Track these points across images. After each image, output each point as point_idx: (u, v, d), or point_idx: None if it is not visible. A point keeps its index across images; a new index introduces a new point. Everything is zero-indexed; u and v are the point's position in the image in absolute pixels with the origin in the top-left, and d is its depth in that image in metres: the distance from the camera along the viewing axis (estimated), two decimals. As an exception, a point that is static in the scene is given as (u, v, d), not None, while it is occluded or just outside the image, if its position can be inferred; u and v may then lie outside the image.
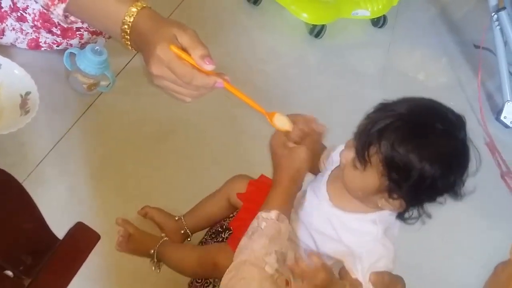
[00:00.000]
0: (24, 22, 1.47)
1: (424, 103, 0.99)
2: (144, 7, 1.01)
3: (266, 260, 0.93)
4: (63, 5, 1.12)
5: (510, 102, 2.45)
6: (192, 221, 1.36)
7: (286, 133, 1.03)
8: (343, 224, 1.00)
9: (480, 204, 1.77)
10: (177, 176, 1.54)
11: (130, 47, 1.05)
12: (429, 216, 0.97)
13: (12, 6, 1.42)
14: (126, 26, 1.01)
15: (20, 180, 0.80)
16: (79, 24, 1.50)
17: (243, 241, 0.98)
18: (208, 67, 0.94)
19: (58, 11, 1.13)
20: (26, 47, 1.52)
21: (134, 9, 1.00)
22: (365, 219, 0.99)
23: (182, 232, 1.36)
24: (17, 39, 1.50)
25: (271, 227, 0.97)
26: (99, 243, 0.86)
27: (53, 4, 1.12)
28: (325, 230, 1.02)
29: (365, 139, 0.91)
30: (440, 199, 0.95)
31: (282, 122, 1.01)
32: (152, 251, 1.29)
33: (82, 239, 0.82)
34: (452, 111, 0.96)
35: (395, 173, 0.90)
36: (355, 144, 0.94)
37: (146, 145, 1.55)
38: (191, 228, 1.36)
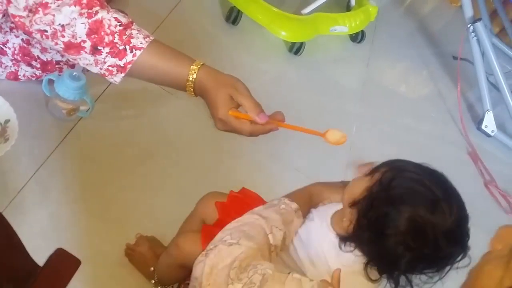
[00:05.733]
0: (4, 56, 1.47)
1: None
2: (202, 64, 1.16)
3: (273, 231, 0.96)
4: (122, 75, 1.20)
5: (490, 111, 2.48)
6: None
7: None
8: (335, 246, 1.00)
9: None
10: (160, 197, 1.53)
11: (194, 96, 1.18)
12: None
13: None
14: (190, 83, 1.15)
15: (1, 208, 0.79)
16: (59, 58, 1.51)
17: (258, 209, 1.02)
18: (263, 121, 1.09)
19: (116, 79, 1.21)
20: (5, 79, 1.51)
21: (196, 67, 1.15)
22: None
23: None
24: None
25: (288, 213, 1.02)
26: (81, 268, 0.85)
27: (111, 74, 1.20)
28: (311, 250, 1.02)
29: (385, 164, 0.97)
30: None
31: (335, 137, 1.08)
32: (152, 269, 1.31)
33: (62, 265, 0.81)
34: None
35: (372, 199, 0.93)
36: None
37: (127, 168, 1.55)
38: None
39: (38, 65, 1.51)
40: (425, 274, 0.94)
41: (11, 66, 1.49)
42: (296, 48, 2.27)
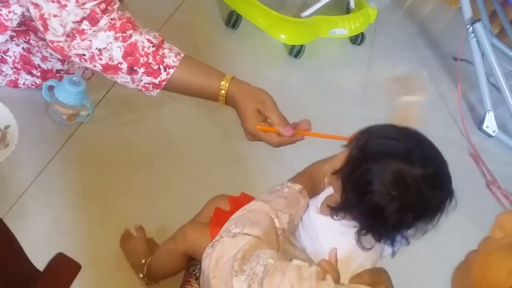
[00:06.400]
0: (4, 64, 1.47)
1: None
2: (232, 78, 1.24)
3: (279, 215, 0.97)
4: (157, 90, 1.30)
5: (491, 111, 2.48)
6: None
7: None
8: (324, 226, 1.02)
9: (468, 214, 1.77)
10: (161, 202, 1.52)
11: (225, 105, 1.26)
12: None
13: None
14: (221, 96, 1.24)
15: (1, 214, 0.79)
16: (59, 66, 1.52)
17: (263, 195, 1.03)
18: (289, 134, 1.16)
19: (152, 94, 1.30)
20: (5, 86, 1.52)
21: (226, 83, 1.23)
22: (344, 224, 1.00)
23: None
24: None
25: (292, 195, 1.03)
26: (82, 273, 0.85)
27: (148, 90, 1.29)
28: (309, 231, 1.04)
29: (361, 132, 1.00)
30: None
31: None
32: (144, 261, 1.31)
33: (62, 270, 0.81)
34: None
35: (351, 162, 0.96)
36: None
37: (128, 173, 1.54)
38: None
39: (39, 74, 1.51)
40: (417, 227, 0.95)
41: (11, 75, 1.50)
42: (296, 51, 2.27)
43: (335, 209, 0.98)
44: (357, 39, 2.58)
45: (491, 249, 0.58)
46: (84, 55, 1.25)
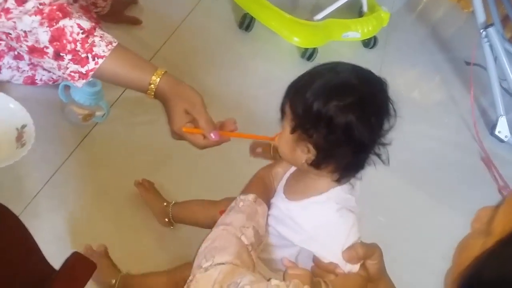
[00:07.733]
0: (21, 60, 1.49)
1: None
2: (164, 73, 1.21)
3: (243, 231, 0.97)
4: (84, 81, 1.23)
5: (504, 116, 2.47)
6: (178, 216, 1.41)
7: None
8: (299, 212, 1.02)
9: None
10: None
11: (153, 98, 1.23)
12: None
13: (9, 46, 1.44)
14: (150, 91, 1.21)
15: (17, 212, 0.81)
16: None
17: (221, 218, 1.03)
18: (216, 138, 1.17)
19: (77, 84, 1.24)
20: (22, 84, 1.54)
21: (157, 78, 1.20)
22: (317, 201, 1.00)
23: (167, 220, 1.42)
24: (13, 77, 1.52)
25: (248, 207, 1.03)
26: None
27: (73, 80, 1.23)
28: (286, 223, 1.04)
29: (283, 98, 1.01)
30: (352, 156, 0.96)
31: None
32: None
33: (78, 269, 0.82)
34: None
35: (297, 112, 0.96)
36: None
37: (141, 174, 1.55)
38: (175, 219, 1.42)
39: None
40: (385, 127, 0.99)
41: (28, 71, 1.51)
42: (308, 54, 2.28)
43: (316, 162, 0.97)
44: (369, 43, 2.58)
45: (468, 236, 0.64)
46: (10, 34, 1.20)
